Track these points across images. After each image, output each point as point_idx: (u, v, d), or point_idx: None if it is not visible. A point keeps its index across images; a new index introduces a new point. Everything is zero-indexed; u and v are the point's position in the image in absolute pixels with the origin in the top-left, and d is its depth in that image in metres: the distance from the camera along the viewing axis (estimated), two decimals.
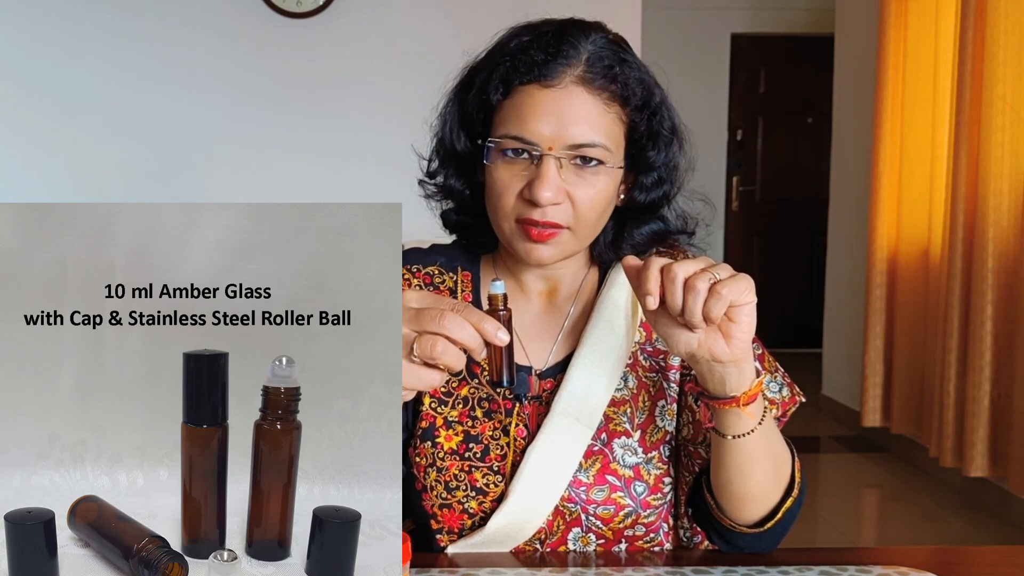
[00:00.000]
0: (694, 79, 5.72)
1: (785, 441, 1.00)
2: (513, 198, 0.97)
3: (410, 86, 3.96)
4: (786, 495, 0.99)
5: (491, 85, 0.99)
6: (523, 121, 0.96)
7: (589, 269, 1.11)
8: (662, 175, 1.04)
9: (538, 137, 0.95)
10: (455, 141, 1.04)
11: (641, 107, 1.00)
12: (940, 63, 3.66)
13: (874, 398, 4.03)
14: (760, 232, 6.23)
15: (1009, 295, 3.15)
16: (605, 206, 1.00)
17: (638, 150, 1.01)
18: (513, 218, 0.98)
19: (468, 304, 0.81)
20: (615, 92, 0.97)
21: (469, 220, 1.09)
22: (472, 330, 0.79)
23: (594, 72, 0.96)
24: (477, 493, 1.02)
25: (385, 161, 3.97)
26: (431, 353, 0.79)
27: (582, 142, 0.95)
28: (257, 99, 4.06)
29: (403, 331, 0.80)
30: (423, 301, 0.81)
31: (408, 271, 1.10)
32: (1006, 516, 3.30)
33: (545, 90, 0.96)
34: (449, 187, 1.07)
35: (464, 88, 1.03)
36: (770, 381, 1.06)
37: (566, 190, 0.96)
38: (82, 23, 3.96)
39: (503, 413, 1.04)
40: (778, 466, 0.98)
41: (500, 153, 0.98)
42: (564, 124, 0.95)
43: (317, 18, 4.03)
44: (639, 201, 1.05)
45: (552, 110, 0.95)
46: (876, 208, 3.99)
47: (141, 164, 4.04)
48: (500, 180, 0.98)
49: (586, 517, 1.02)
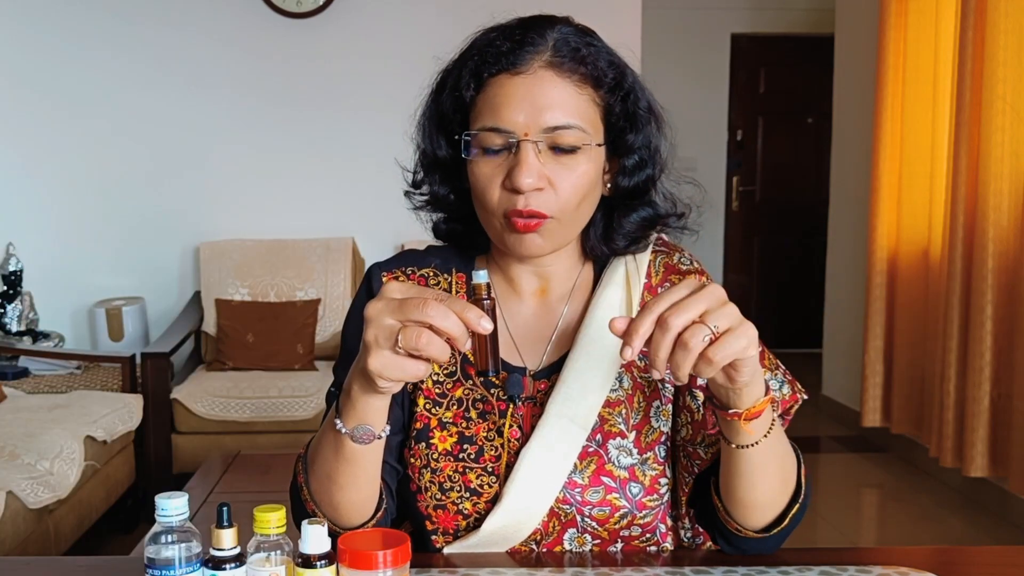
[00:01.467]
0: (694, 79, 5.72)
1: (792, 447, 0.99)
2: (497, 191, 0.97)
3: (410, 86, 3.92)
4: (793, 501, 0.98)
5: (462, 82, 0.99)
6: (496, 111, 0.96)
7: (583, 267, 1.10)
8: (643, 157, 1.03)
9: (513, 124, 0.95)
10: (436, 148, 1.04)
11: (614, 88, 0.99)
12: (940, 63, 3.66)
13: (874, 398, 4.03)
14: (760, 232, 6.23)
15: (1009, 295, 3.15)
16: (587, 190, 0.99)
17: (616, 133, 1.01)
18: (500, 212, 0.98)
19: (450, 295, 0.81)
20: (585, 74, 0.97)
21: (459, 227, 1.09)
22: (455, 319, 0.78)
23: (561, 56, 0.96)
24: (471, 494, 1.02)
25: (385, 161, 3.96)
26: (416, 344, 0.78)
27: (556, 124, 0.95)
28: (257, 99, 4.06)
29: (387, 322, 0.79)
30: (406, 292, 0.81)
31: (403, 273, 1.09)
32: (1006, 516, 3.29)
33: (515, 78, 0.96)
34: (435, 195, 1.07)
35: (438, 92, 1.04)
36: (771, 379, 1.05)
37: (547, 176, 0.96)
38: (83, 23, 3.96)
39: (497, 414, 1.04)
40: (785, 475, 0.97)
41: (480, 148, 0.98)
42: (537, 109, 0.95)
43: (317, 18, 4.03)
44: (624, 187, 1.04)
45: (524, 96, 0.95)
46: (876, 208, 3.99)
47: (141, 164, 4.04)
48: (482, 175, 0.98)
49: (581, 518, 1.02)
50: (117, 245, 4.06)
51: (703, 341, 0.78)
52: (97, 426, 2.80)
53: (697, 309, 0.79)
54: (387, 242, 4.08)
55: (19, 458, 2.41)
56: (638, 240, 1.07)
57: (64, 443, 2.58)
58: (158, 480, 3.21)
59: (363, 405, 0.87)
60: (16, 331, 3.72)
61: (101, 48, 3.97)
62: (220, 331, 3.72)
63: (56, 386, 3.34)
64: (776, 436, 0.93)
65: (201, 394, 3.32)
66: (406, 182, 1.10)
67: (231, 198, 4.10)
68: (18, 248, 3.89)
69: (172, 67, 4.01)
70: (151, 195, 4.06)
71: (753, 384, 0.86)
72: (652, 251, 1.10)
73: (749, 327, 0.81)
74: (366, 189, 4.09)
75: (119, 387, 3.30)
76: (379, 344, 0.80)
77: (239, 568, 0.83)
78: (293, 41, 4.04)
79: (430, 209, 1.10)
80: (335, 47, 4.07)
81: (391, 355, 0.80)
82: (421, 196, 1.09)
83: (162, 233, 4.06)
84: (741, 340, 0.80)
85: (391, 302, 0.80)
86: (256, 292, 3.84)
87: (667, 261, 1.10)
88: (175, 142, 4.05)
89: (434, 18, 4.04)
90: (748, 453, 0.92)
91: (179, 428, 3.31)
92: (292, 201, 4.11)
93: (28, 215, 3.99)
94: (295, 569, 0.82)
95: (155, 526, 0.83)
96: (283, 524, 0.83)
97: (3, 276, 3.78)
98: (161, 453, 3.27)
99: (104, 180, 4.03)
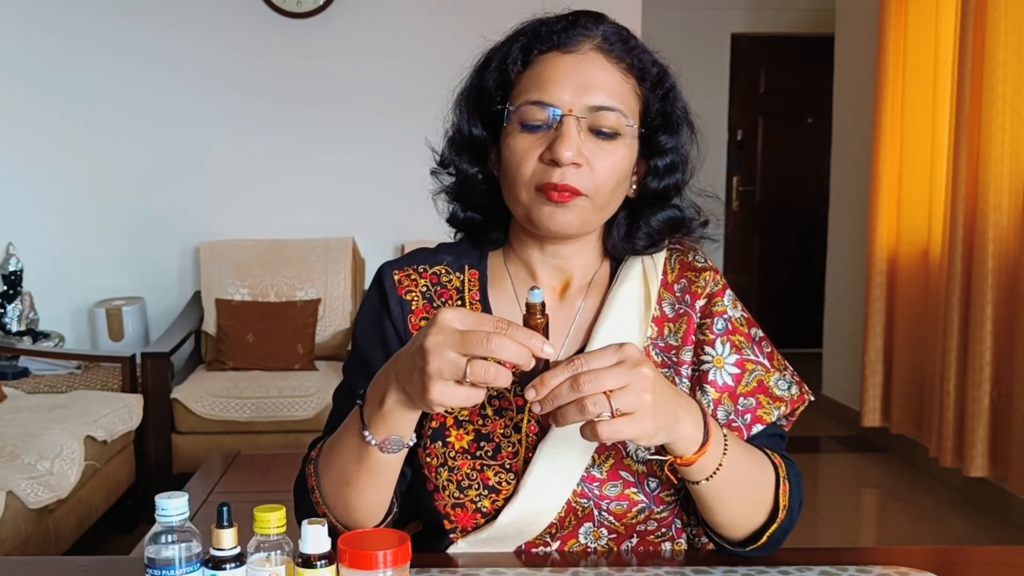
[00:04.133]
0: (694, 79, 5.63)
1: (772, 463, 1.00)
2: (533, 163, 0.98)
3: (410, 85, 3.96)
4: (771, 519, 0.99)
5: (510, 58, 1.01)
6: (543, 86, 0.98)
7: (601, 264, 1.11)
8: (675, 160, 1.04)
9: (558, 100, 0.97)
10: (471, 126, 1.05)
11: (655, 85, 1.02)
12: (940, 63, 3.66)
13: (874, 398, 4.03)
14: (760, 232, 6.23)
15: (1009, 295, 3.15)
16: (621, 177, 1.01)
17: (651, 131, 1.02)
18: (533, 185, 0.98)
19: (509, 321, 0.81)
20: (631, 64, 1.00)
21: (477, 217, 1.09)
22: (521, 349, 0.79)
23: (611, 44, 0.99)
24: (490, 491, 1.01)
25: (385, 161, 3.98)
26: (484, 379, 0.79)
27: (601, 104, 0.97)
28: (257, 99, 4.06)
29: (451, 355, 0.79)
30: (466, 322, 0.80)
31: (415, 271, 1.09)
32: (1006, 516, 3.29)
33: (565, 56, 0.98)
34: (464, 174, 1.07)
35: (482, 69, 1.05)
36: (779, 379, 1.06)
37: (586, 156, 0.97)
38: (82, 23, 3.96)
39: (514, 410, 1.03)
40: (753, 498, 0.98)
41: (519, 124, 0.99)
42: (585, 87, 0.97)
43: (317, 18, 4.03)
44: (652, 188, 1.05)
45: (572, 73, 0.97)
46: (876, 208, 3.99)
47: (141, 164, 4.04)
48: (519, 147, 0.99)
49: (599, 513, 1.02)
50: (117, 245, 4.06)
51: (597, 416, 0.81)
52: (97, 426, 2.80)
53: (611, 384, 0.81)
54: (387, 242, 4.08)
55: (19, 458, 2.41)
56: (658, 242, 1.08)
57: (64, 443, 2.58)
58: (158, 480, 3.20)
59: (397, 419, 0.88)
60: (16, 331, 3.72)
61: (101, 48, 3.97)
62: (220, 331, 3.72)
63: (56, 386, 3.34)
64: (732, 468, 0.93)
65: (201, 394, 3.32)
66: (430, 164, 1.10)
67: (231, 198, 4.10)
68: (18, 248, 3.89)
69: (172, 67, 4.01)
70: (151, 195, 4.06)
71: (676, 442, 0.88)
72: (667, 248, 1.10)
73: (650, 419, 0.82)
74: (366, 189, 4.09)
75: (119, 387, 3.30)
76: (443, 376, 0.80)
77: (239, 568, 0.83)
78: (293, 41, 4.04)
79: (452, 193, 1.09)
80: (335, 47, 4.07)
81: (454, 386, 0.80)
82: (449, 175, 1.09)
83: (162, 233, 4.06)
84: (634, 429, 0.82)
85: (453, 334, 0.80)
86: (256, 292, 3.84)
87: (682, 258, 1.10)
88: (175, 142, 4.05)
89: (434, 18, 4.04)
90: (701, 486, 0.93)
91: (179, 428, 3.31)
92: (292, 201, 4.11)
93: (28, 215, 3.99)
94: (295, 569, 0.82)
95: (155, 526, 0.83)
96: (283, 524, 0.83)
97: (3, 276, 3.78)
98: (161, 453, 3.27)
99: (104, 180, 4.03)
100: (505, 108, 1.00)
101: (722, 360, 1.04)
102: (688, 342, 1.05)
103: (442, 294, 1.07)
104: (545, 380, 0.82)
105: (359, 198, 4.12)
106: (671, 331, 1.06)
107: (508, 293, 1.09)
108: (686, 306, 1.07)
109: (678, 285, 1.08)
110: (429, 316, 1.05)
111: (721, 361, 1.04)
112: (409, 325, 1.06)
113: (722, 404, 1.03)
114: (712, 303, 1.06)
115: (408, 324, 1.06)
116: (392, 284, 1.07)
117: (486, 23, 1.06)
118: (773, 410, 1.04)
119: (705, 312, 1.06)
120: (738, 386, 1.04)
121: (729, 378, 1.04)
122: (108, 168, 4.02)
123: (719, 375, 1.04)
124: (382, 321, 1.07)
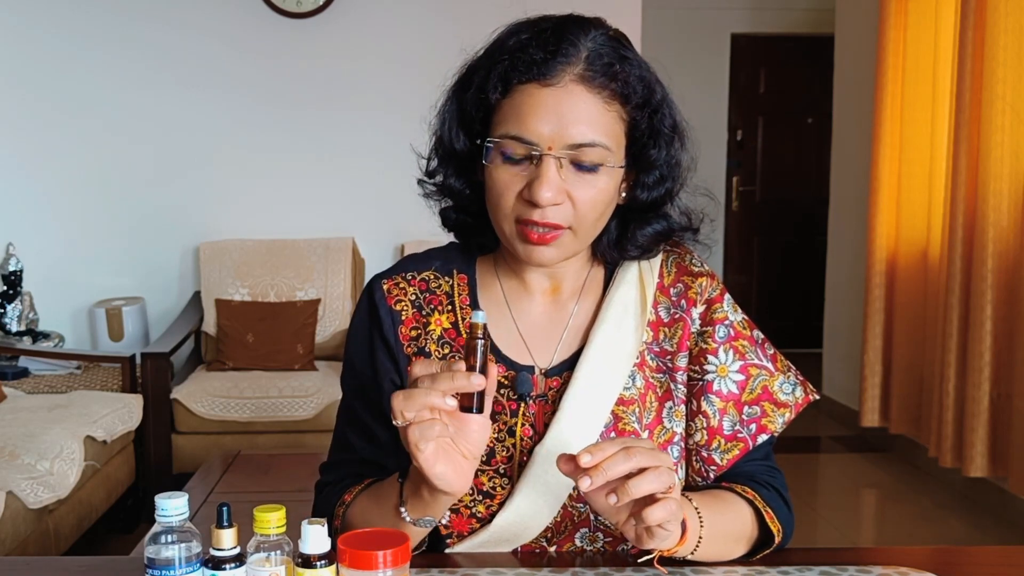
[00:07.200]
0: (694, 79, 5.71)
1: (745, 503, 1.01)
2: (513, 199, 0.96)
3: (410, 86, 3.96)
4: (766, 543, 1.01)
5: (489, 84, 0.97)
6: (522, 121, 0.94)
7: (592, 266, 1.10)
8: (663, 173, 1.03)
9: (538, 137, 0.94)
10: (454, 140, 1.02)
11: (642, 105, 0.98)
12: (940, 63, 3.66)
13: (873, 398, 4.03)
14: (760, 232, 6.23)
15: (1009, 295, 3.15)
16: (605, 206, 0.99)
17: (639, 148, 1.00)
18: (513, 219, 0.97)
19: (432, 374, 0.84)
20: (615, 90, 0.96)
21: (469, 220, 1.08)
22: (449, 401, 0.83)
23: (594, 70, 0.95)
24: (484, 497, 1.01)
25: (385, 161, 3.97)
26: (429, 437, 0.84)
27: (582, 142, 0.94)
28: (257, 99, 4.06)
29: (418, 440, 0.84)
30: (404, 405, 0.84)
31: (403, 279, 1.08)
32: (1006, 516, 3.29)
33: (544, 89, 0.94)
34: (448, 187, 1.06)
35: (462, 87, 1.02)
36: (783, 383, 1.06)
37: (566, 190, 0.95)
38: (83, 23, 3.96)
39: (508, 414, 1.03)
40: (734, 544, 1.00)
41: (500, 154, 0.96)
42: (564, 124, 0.93)
43: (317, 18, 4.03)
44: (641, 199, 1.03)
45: (552, 109, 0.94)
46: (876, 208, 3.99)
47: (141, 164, 4.04)
48: (500, 181, 0.97)
49: (595, 517, 1.02)
50: (117, 245, 4.05)
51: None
52: (97, 426, 2.80)
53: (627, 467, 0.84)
54: (387, 242, 4.08)
55: (19, 458, 2.41)
56: (649, 250, 1.07)
57: (64, 443, 2.58)
58: (158, 480, 3.20)
59: (436, 504, 0.91)
60: (16, 331, 3.72)
61: (101, 48, 3.97)
62: (220, 331, 3.72)
63: (56, 386, 3.34)
64: (711, 534, 0.95)
65: (201, 394, 3.32)
66: (420, 169, 1.09)
67: (231, 198, 4.10)
68: (18, 248, 3.88)
69: (172, 67, 4.01)
70: (151, 195, 4.06)
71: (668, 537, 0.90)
72: (663, 251, 1.09)
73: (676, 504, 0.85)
74: (366, 189, 4.09)
75: (119, 387, 3.30)
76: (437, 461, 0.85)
77: (239, 568, 0.83)
78: (293, 41, 4.04)
79: (440, 198, 1.08)
80: (335, 47, 4.07)
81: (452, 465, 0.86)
82: (432, 185, 1.08)
83: (162, 233, 4.06)
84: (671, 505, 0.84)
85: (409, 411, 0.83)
86: (256, 292, 3.84)
87: (679, 262, 1.10)
88: (175, 142, 4.05)
89: (434, 18, 4.04)
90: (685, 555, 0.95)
91: (179, 428, 3.30)
92: (292, 201, 4.11)
93: (28, 215, 3.99)
94: (295, 569, 0.82)
95: (155, 526, 0.83)
96: (283, 524, 0.83)
97: (3, 276, 3.78)
98: (161, 453, 3.26)
99: (104, 180, 4.03)
100: (485, 142, 0.97)
101: (726, 369, 1.04)
102: (683, 348, 1.05)
103: (431, 300, 1.07)
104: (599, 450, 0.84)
105: (359, 198, 4.12)
106: (666, 336, 1.06)
107: (498, 297, 1.08)
108: (682, 311, 1.06)
109: (674, 289, 1.08)
110: (418, 326, 1.05)
111: (725, 370, 1.04)
112: (400, 336, 1.05)
113: (727, 414, 1.04)
114: (712, 310, 1.06)
115: (399, 335, 1.06)
116: (382, 295, 1.07)
117: (486, 23, 1.05)
118: (778, 417, 1.05)
119: (705, 320, 1.06)
120: (743, 393, 1.04)
121: (734, 386, 1.04)
122: (108, 168, 4.02)
123: (723, 384, 1.04)
124: (371, 336, 1.07)
